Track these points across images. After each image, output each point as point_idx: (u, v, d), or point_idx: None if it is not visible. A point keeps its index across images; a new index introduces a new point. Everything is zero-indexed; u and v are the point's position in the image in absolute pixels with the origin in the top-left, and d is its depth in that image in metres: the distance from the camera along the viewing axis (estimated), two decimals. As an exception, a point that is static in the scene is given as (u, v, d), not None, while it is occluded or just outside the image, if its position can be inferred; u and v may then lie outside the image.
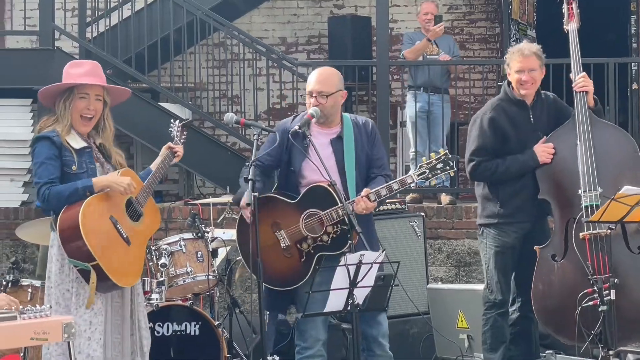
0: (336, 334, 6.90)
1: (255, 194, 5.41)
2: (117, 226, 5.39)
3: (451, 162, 5.76)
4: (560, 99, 6.53)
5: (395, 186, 5.73)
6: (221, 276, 7.01)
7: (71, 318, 4.64)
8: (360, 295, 5.20)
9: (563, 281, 5.98)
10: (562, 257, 6.00)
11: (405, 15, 12.02)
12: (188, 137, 5.93)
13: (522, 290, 6.26)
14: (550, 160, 6.13)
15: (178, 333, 6.58)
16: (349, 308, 5.20)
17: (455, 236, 8.94)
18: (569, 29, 6.43)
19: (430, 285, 7.36)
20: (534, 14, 11.83)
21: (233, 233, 6.91)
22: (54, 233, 5.43)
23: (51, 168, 5.33)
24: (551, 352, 6.15)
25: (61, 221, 5.29)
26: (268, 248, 5.67)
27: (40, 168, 5.33)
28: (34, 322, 4.49)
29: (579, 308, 5.69)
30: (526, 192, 6.21)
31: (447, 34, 10.21)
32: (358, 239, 5.45)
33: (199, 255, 6.83)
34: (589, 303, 5.67)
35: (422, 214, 8.00)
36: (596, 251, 5.84)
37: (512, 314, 6.38)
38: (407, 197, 9.05)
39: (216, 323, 6.64)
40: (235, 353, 7.02)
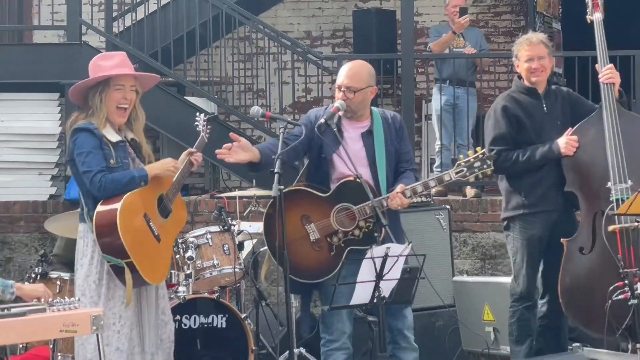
0: (362, 326, 6.90)
1: (282, 186, 5.43)
2: (150, 224, 5.42)
3: (489, 160, 5.76)
4: (575, 92, 6.52)
5: (432, 183, 5.78)
6: (247, 269, 7.04)
7: (100, 310, 4.67)
8: (386, 288, 5.21)
9: (591, 274, 5.96)
10: (590, 250, 5.98)
11: (430, 9, 11.98)
12: (214, 131, 5.96)
13: (550, 283, 6.23)
14: (573, 153, 6.12)
15: (205, 325, 6.60)
16: (375, 301, 5.22)
17: (480, 229, 8.92)
18: (593, 18, 6.39)
19: (456, 278, 7.36)
20: (559, 7, 11.78)
21: (259, 226, 6.93)
22: (82, 225, 5.46)
23: (99, 157, 5.35)
24: (578, 344, 6.13)
25: (98, 216, 5.31)
26: (297, 241, 5.68)
27: (89, 157, 5.33)
28: (63, 314, 4.52)
29: (609, 301, 5.65)
30: (548, 181, 6.19)
31: (473, 26, 10.19)
32: (385, 232, 5.47)
33: (225, 248, 6.85)
34: (620, 296, 5.64)
35: (448, 206, 7.99)
36: (627, 245, 5.82)
37: (542, 306, 6.36)
38: (433, 190, 9.03)
39: (243, 315, 6.67)
40: (262, 345, 7.06)
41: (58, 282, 6.65)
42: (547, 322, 6.35)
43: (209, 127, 5.88)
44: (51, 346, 6.15)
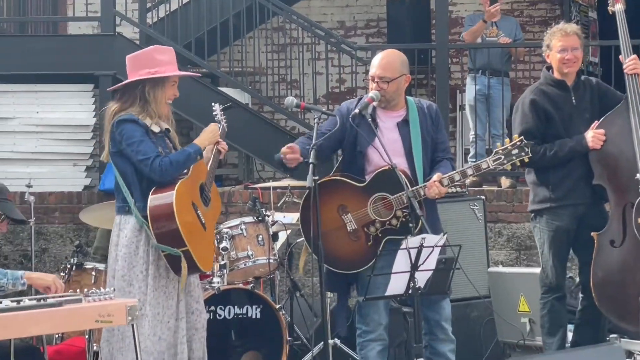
0: (397, 317, 6.88)
1: (316, 177, 5.41)
2: (197, 212, 5.46)
3: (526, 148, 5.71)
4: (603, 83, 6.46)
5: (469, 171, 5.74)
6: (282, 260, 7.03)
7: (135, 301, 4.69)
8: (421, 278, 5.18)
9: (623, 267, 5.92)
10: (621, 243, 5.94)
11: (465, -2, 11.94)
12: (247, 122, 6.01)
13: (585, 277, 6.18)
14: (600, 146, 6.06)
15: (239, 316, 6.62)
16: (410, 292, 5.19)
17: (515, 219, 8.88)
18: (615, 10, 6.37)
19: (491, 269, 7.32)
20: (595, -5, 11.69)
21: (293, 217, 6.94)
22: (119, 216, 5.48)
23: (151, 144, 5.40)
24: (615, 336, 6.06)
25: (153, 207, 5.33)
26: (334, 231, 5.66)
27: (142, 145, 5.37)
28: (99, 304, 4.54)
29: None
30: (576, 174, 6.14)
31: (509, 15, 10.12)
32: (421, 223, 5.44)
33: (259, 238, 6.85)
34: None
35: (483, 197, 7.95)
36: (660, 236, 5.77)
37: (583, 300, 6.31)
38: (467, 181, 8.99)
39: (277, 306, 6.67)
40: (297, 336, 7.05)
41: (93, 273, 6.68)
42: (586, 315, 6.29)
43: (224, 116, 5.91)
44: (87, 337, 6.18)
